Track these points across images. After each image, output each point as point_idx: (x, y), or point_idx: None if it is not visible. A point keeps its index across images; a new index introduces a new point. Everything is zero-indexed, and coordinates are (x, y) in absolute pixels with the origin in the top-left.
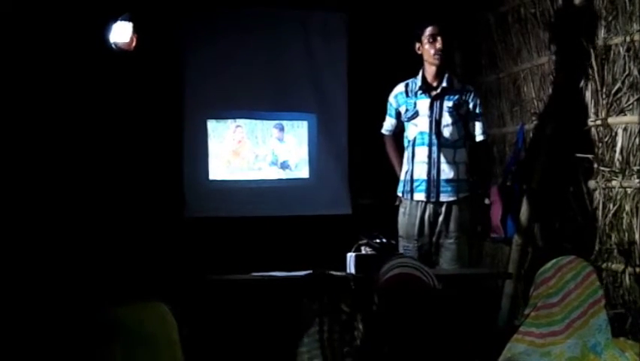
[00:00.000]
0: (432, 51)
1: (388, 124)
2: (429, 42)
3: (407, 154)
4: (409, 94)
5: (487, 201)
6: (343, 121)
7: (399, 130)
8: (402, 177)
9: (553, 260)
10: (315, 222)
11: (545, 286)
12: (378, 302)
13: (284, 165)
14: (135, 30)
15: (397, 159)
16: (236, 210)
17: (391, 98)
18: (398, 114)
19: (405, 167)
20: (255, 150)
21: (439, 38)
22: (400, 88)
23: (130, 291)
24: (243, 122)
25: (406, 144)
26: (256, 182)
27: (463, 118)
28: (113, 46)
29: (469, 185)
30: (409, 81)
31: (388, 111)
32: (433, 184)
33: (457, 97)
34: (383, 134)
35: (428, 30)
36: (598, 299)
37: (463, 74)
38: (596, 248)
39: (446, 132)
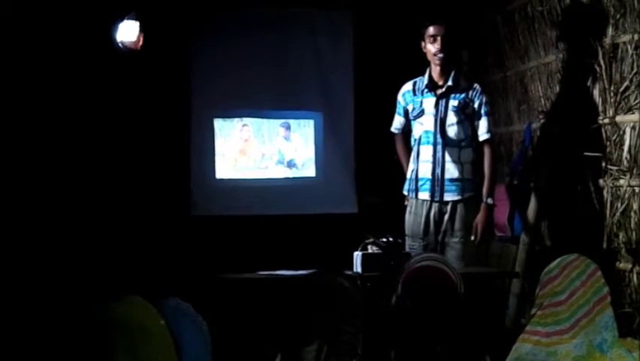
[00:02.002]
0: (433, 51)
1: (397, 122)
2: (430, 42)
3: (413, 153)
4: (416, 92)
5: (490, 200)
6: (350, 120)
7: (408, 128)
8: (408, 176)
9: (558, 259)
10: (321, 221)
11: (551, 286)
12: (401, 292)
13: (290, 164)
14: (142, 29)
15: (405, 157)
16: (243, 209)
17: (399, 97)
18: (406, 112)
19: (411, 165)
20: (261, 149)
21: (439, 39)
22: (407, 86)
23: (136, 289)
24: (250, 120)
25: (412, 142)
26: (262, 181)
27: (469, 117)
28: (120, 45)
29: (475, 185)
30: (417, 79)
31: (397, 109)
32: (437, 183)
33: (463, 96)
34: (393, 133)
35: (429, 30)
36: (604, 296)
37: (470, 72)
38: (604, 247)
39: (451, 131)
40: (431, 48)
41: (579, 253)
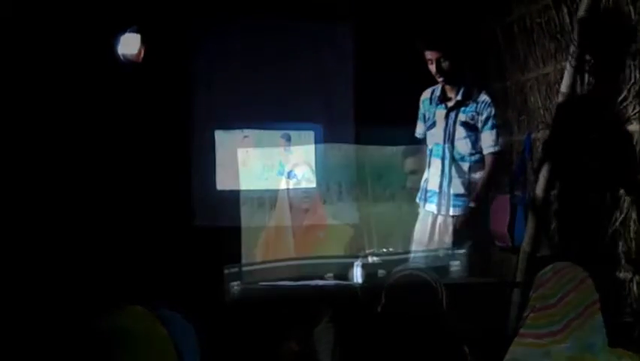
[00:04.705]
0: (433, 71)
1: (419, 128)
2: (429, 64)
3: (427, 161)
4: (432, 102)
5: (472, 204)
6: (350, 131)
7: None
8: (421, 184)
9: (551, 265)
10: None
11: (543, 289)
12: (385, 300)
13: (291, 175)
14: (143, 41)
15: None
16: (243, 220)
17: (420, 102)
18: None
19: (425, 173)
20: (262, 160)
21: (434, 62)
22: (426, 94)
23: (137, 299)
24: (250, 132)
25: (427, 151)
26: (263, 192)
27: (478, 130)
28: (121, 57)
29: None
30: (435, 87)
31: (419, 115)
32: (443, 197)
33: (472, 109)
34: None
35: (425, 54)
36: (594, 301)
37: (482, 83)
38: (604, 257)
39: (460, 146)
40: (431, 69)
41: (579, 262)
